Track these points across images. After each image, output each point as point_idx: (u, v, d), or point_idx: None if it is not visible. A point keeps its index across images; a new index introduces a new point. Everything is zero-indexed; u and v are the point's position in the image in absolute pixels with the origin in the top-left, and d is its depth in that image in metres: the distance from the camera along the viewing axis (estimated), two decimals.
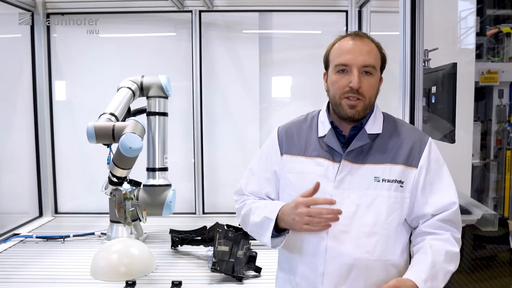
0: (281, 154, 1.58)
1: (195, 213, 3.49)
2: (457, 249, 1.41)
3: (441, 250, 1.39)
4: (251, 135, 3.50)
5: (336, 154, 1.47)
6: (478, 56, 4.08)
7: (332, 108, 1.51)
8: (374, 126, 1.48)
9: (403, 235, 1.47)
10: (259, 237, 1.54)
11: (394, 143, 1.47)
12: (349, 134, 1.49)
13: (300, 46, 3.50)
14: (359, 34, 1.48)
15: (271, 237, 1.46)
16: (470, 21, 3.50)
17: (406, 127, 1.55)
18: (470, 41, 3.52)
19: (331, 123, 1.51)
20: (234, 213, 3.40)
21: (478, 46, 4.05)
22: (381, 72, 1.51)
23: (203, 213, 3.49)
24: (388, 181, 1.43)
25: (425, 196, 1.44)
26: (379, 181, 1.43)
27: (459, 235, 1.45)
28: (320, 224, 1.36)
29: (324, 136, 1.51)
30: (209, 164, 3.49)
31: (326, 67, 1.53)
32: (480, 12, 4.26)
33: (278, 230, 1.46)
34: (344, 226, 1.41)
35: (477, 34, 3.87)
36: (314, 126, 1.55)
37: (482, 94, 4.16)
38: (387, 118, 1.54)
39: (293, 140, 1.57)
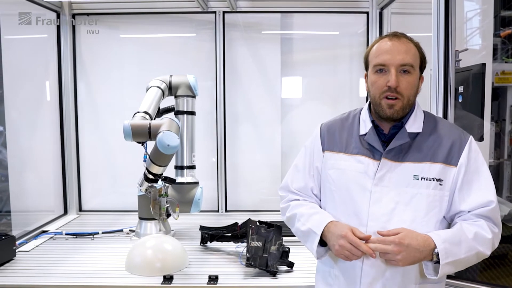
0: (323, 151, 1.63)
1: (217, 211, 3.54)
2: (489, 235, 1.41)
3: (471, 230, 1.41)
4: (273, 135, 3.56)
5: (376, 152, 1.52)
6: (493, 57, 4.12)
7: (372, 108, 1.55)
8: (414, 124, 1.52)
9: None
10: (303, 243, 1.62)
11: (434, 142, 1.49)
12: (390, 132, 1.53)
13: (322, 47, 3.55)
14: (396, 34, 1.51)
15: (317, 247, 1.54)
16: (477, 22, 3.56)
17: (446, 125, 1.57)
18: (479, 41, 3.58)
19: (372, 122, 1.55)
20: (256, 210, 3.50)
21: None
22: (422, 71, 1.54)
23: (226, 211, 3.54)
24: (427, 179, 1.46)
25: (463, 194, 1.46)
26: (418, 179, 1.46)
27: (496, 230, 1.45)
28: (353, 259, 1.43)
29: (365, 134, 1.55)
30: (231, 163, 3.55)
31: (366, 68, 1.57)
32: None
33: (323, 241, 1.53)
34: (383, 223, 1.46)
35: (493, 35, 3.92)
36: (356, 124, 1.60)
37: (496, 94, 4.22)
38: (427, 116, 1.56)
39: (335, 137, 1.62)
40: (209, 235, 2.65)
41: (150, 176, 2.59)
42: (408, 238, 1.35)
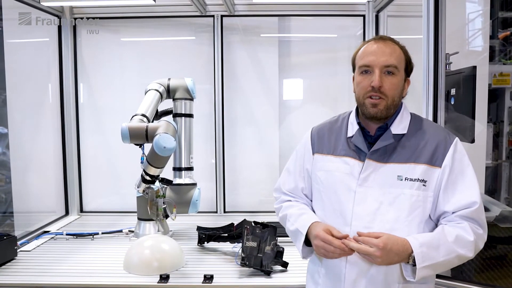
0: (313, 154, 1.68)
1: (216, 212, 3.59)
2: (470, 238, 1.43)
3: (452, 233, 1.43)
4: (270, 137, 3.60)
5: (362, 153, 1.56)
6: (490, 59, 4.14)
7: (358, 108, 1.60)
8: (399, 126, 1.55)
9: (425, 232, 1.51)
10: (293, 242, 1.67)
11: (419, 143, 1.52)
12: (376, 134, 1.57)
13: (319, 50, 3.59)
14: (382, 38, 1.56)
15: (302, 247, 1.61)
16: (482, 23, 3.58)
17: (432, 127, 1.59)
18: (483, 43, 3.60)
19: (359, 123, 1.59)
20: (254, 211, 3.55)
21: (490, 49, 4.11)
22: (408, 74, 1.57)
23: (224, 212, 3.59)
24: (411, 180, 1.48)
25: (447, 195, 1.48)
26: (401, 179, 1.49)
27: (481, 231, 1.47)
28: (333, 256, 1.48)
29: (352, 136, 1.60)
30: (229, 165, 3.59)
31: (354, 70, 1.62)
32: (491, 15, 4.31)
33: (309, 241, 1.58)
34: (367, 222, 1.49)
35: (490, 37, 3.93)
36: (344, 127, 1.64)
37: (494, 96, 4.24)
38: (414, 118, 1.60)
39: (324, 140, 1.67)
40: (206, 235, 2.69)
41: (147, 178, 2.65)
42: (390, 243, 1.38)
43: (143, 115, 2.65)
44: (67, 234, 2.95)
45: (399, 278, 1.50)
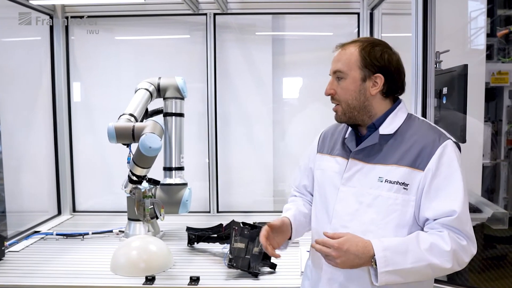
0: (316, 153, 1.73)
1: (209, 212, 3.56)
2: (447, 247, 1.34)
3: (427, 240, 1.36)
4: (264, 136, 3.57)
5: (350, 153, 1.57)
6: (489, 57, 4.09)
7: None
8: (389, 127, 1.51)
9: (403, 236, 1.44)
10: None
11: (404, 145, 1.46)
12: (366, 134, 1.56)
13: (313, 48, 3.56)
14: (342, 44, 1.58)
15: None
16: (480, 22, 3.54)
17: (424, 129, 1.50)
18: (480, 41, 3.56)
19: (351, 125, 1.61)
20: (248, 211, 3.54)
21: (489, 47, 4.07)
22: (374, 71, 1.48)
23: (217, 211, 3.56)
24: (390, 182, 1.44)
25: (429, 200, 1.41)
26: (382, 181, 1.45)
27: (464, 243, 1.37)
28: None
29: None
30: (223, 164, 3.56)
31: None
32: (490, 13, 4.26)
33: None
34: (345, 222, 1.50)
35: (488, 35, 3.88)
36: (345, 128, 1.67)
37: (492, 94, 4.18)
38: (408, 119, 1.53)
39: (326, 140, 1.72)
40: (195, 236, 2.67)
41: (134, 178, 2.62)
42: (348, 244, 1.35)
43: (131, 115, 2.62)
44: (57, 234, 2.93)
45: (372, 284, 1.43)
